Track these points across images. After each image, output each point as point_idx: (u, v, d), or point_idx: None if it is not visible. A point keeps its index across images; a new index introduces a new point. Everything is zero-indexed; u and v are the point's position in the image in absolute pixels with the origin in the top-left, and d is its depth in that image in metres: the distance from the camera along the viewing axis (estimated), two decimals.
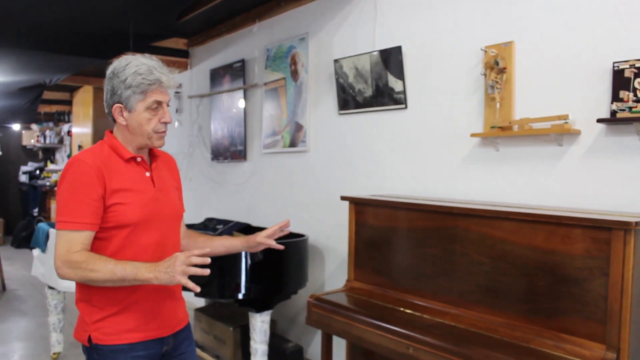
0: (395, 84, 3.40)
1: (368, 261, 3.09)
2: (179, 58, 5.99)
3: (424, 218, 2.77)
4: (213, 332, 4.37)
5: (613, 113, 2.37)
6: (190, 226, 4.48)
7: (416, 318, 2.65)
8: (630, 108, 2.30)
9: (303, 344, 4.14)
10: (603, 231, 2.06)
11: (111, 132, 1.91)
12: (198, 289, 1.62)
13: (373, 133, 3.63)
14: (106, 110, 1.87)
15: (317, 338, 4.03)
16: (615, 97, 2.37)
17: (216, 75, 5.36)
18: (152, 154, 1.97)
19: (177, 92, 6.24)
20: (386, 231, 2.98)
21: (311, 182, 4.17)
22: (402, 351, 2.48)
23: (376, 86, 3.53)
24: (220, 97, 5.29)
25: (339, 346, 3.36)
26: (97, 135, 8.28)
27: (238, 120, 5.02)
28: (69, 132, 10.14)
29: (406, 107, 3.38)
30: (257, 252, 2.15)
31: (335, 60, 3.79)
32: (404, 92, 3.36)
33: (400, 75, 3.36)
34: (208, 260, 1.65)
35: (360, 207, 3.16)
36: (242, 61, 4.93)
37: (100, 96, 8.05)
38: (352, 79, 3.69)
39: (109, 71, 1.83)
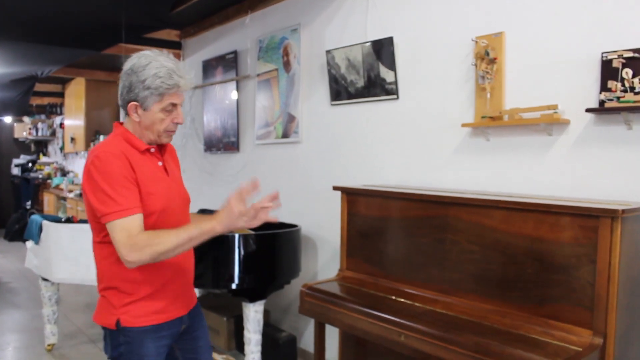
0: (386, 74, 3.42)
1: (360, 251, 3.12)
2: (171, 49, 5.95)
3: (415, 207, 2.80)
4: (207, 323, 4.39)
5: (601, 103, 2.40)
6: None
7: (407, 306, 2.68)
8: (618, 98, 2.32)
9: (296, 333, 4.17)
10: (591, 219, 2.09)
11: (120, 123, 1.96)
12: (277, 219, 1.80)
13: (365, 123, 3.65)
14: (120, 103, 1.92)
15: (310, 327, 4.07)
16: (604, 87, 2.40)
17: (209, 67, 5.35)
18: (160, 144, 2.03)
19: None
20: (378, 221, 3.01)
21: (304, 173, 4.19)
22: (393, 338, 2.51)
23: (368, 77, 3.54)
24: (213, 89, 5.30)
25: (332, 334, 3.39)
26: (90, 128, 8.25)
27: (231, 112, 5.02)
28: (61, 125, 10.10)
29: (398, 97, 3.40)
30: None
31: (328, 51, 3.80)
32: (395, 82, 3.38)
33: (391, 65, 3.38)
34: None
35: (352, 197, 3.18)
36: (235, 52, 4.93)
37: (92, 88, 8.13)
38: (344, 70, 3.70)
39: (126, 67, 1.87)
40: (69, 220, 4.48)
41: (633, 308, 2.18)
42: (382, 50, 3.42)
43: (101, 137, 7.80)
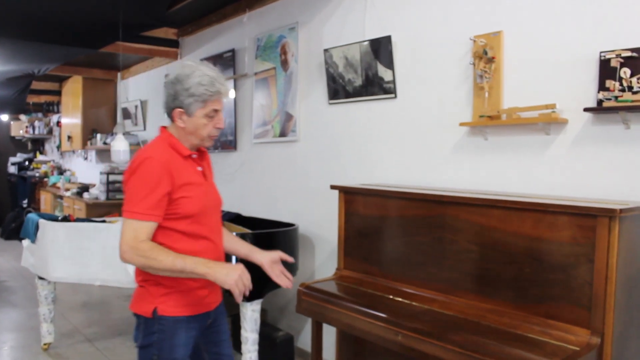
0: (384, 73, 3.42)
1: (358, 250, 3.11)
2: (168, 48, 5.96)
3: (413, 207, 2.79)
4: None
5: (599, 102, 2.39)
6: None
7: (405, 305, 2.67)
8: (616, 97, 2.32)
9: (293, 332, 4.17)
10: (589, 218, 2.09)
11: (165, 128, 2.09)
12: (241, 300, 1.90)
13: (363, 122, 3.64)
14: (165, 111, 2.06)
15: (307, 326, 4.06)
16: (602, 87, 2.39)
17: None
18: (198, 149, 2.15)
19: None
20: (376, 220, 3.00)
21: (301, 172, 4.18)
22: (391, 338, 2.51)
23: (366, 76, 3.54)
24: None
25: (329, 334, 3.39)
26: (87, 126, 8.21)
27: (228, 110, 5.01)
28: (58, 123, 10.06)
29: (396, 96, 3.39)
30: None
31: (325, 50, 3.80)
32: (393, 81, 3.38)
33: (389, 64, 3.37)
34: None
35: (350, 196, 3.18)
36: (232, 51, 4.92)
37: (89, 86, 8.10)
38: (342, 69, 3.69)
39: (172, 76, 2.02)
40: (65, 219, 4.46)
41: (630, 307, 2.18)
42: (380, 49, 3.42)
43: (98, 136, 7.75)
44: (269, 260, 2.21)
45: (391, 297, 2.79)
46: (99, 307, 5.63)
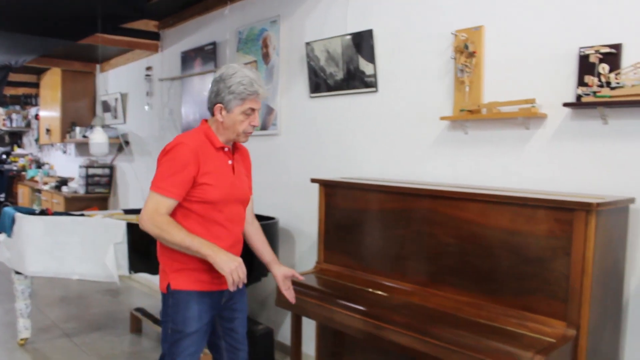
0: (366, 67, 3.41)
1: (338, 243, 3.11)
2: (149, 40, 5.89)
3: (392, 200, 2.80)
4: None
5: (578, 97, 2.41)
6: None
7: (384, 299, 2.68)
8: (595, 92, 2.34)
9: (273, 326, 4.16)
10: (566, 212, 2.11)
11: (206, 121, 2.30)
12: (233, 289, 2.05)
13: (344, 116, 3.63)
14: (207, 106, 2.28)
15: (287, 320, 4.05)
16: (581, 82, 2.41)
17: (187, 58, 5.29)
18: (235, 145, 2.37)
19: (147, 75, 6.15)
20: (356, 213, 3.00)
21: (282, 165, 4.17)
22: (370, 331, 2.51)
23: (347, 69, 3.53)
24: (192, 80, 5.24)
25: (309, 327, 3.39)
26: (66, 119, 8.08)
27: None
28: (36, 116, 9.92)
29: (377, 90, 3.39)
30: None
31: (307, 43, 3.78)
32: (374, 75, 3.37)
33: (371, 58, 3.37)
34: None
35: (330, 189, 3.17)
36: (214, 44, 4.88)
37: (68, 79, 8.00)
38: (323, 62, 3.68)
39: (217, 75, 2.25)
40: (43, 213, 4.40)
41: (606, 300, 2.20)
42: (362, 42, 3.41)
43: (77, 129, 7.65)
44: (283, 274, 2.41)
45: (370, 290, 2.80)
46: (77, 302, 5.57)
